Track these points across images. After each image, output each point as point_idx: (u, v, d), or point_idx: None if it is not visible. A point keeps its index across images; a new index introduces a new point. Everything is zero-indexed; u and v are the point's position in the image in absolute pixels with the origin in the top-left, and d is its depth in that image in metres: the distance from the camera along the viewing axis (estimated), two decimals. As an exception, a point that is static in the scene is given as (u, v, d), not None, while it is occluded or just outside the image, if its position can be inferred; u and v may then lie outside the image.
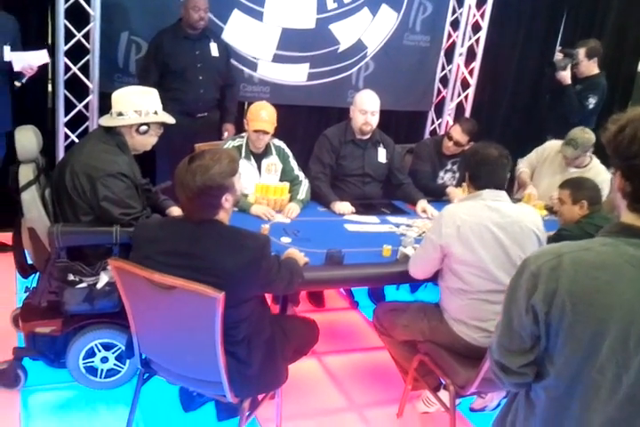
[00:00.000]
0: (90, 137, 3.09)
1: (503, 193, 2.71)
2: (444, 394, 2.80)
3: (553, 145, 4.40)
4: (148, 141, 3.08)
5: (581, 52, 4.93)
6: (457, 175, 4.46)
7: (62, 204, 2.94)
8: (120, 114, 2.96)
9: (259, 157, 3.75)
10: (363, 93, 4.10)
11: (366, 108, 3.95)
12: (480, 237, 2.56)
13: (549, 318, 1.39)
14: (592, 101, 4.85)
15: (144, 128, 2.99)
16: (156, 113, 3.02)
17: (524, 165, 4.54)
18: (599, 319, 1.33)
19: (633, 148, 1.33)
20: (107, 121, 3.00)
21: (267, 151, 3.77)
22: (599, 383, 1.36)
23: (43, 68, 4.57)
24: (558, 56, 4.98)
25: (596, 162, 4.19)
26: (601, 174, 4.09)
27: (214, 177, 2.12)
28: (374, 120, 4.00)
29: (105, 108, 4.48)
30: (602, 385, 1.35)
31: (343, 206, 3.70)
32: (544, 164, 4.38)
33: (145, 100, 3.01)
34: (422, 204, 3.86)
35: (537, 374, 1.48)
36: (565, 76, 4.90)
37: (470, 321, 2.66)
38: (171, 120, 3.12)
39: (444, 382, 2.79)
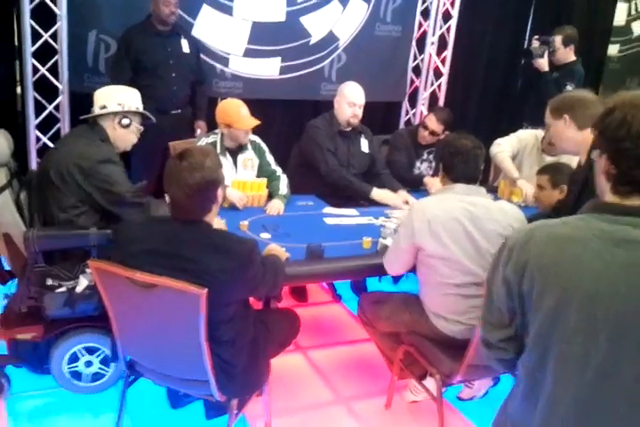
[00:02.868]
0: (72, 134, 3.10)
1: (480, 188, 2.70)
2: (430, 382, 2.81)
3: (529, 135, 4.32)
4: (128, 138, 3.10)
5: (558, 39, 4.93)
6: (433, 165, 4.47)
7: (46, 202, 2.92)
8: (103, 107, 3.01)
9: (234, 153, 3.72)
10: (350, 86, 4.06)
11: (355, 101, 3.95)
12: (451, 230, 2.54)
13: (521, 289, 1.44)
14: (570, 89, 4.86)
15: (126, 121, 3.03)
16: (137, 108, 3.09)
17: (504, 148, 4.26)
18: (564, 288, 1.37)
19: (621, 131, 1.35)
20: (92, 114, 3.03)
21: (242, 147, 3.74)
22: (567, 355, 1.38)
23: (10, 70, 4.53)
24: (535, 44, 4.98)
25: None
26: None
27: (210, 171, 2.15)
28: (361, 113, 4.01)
29: (76, 108, 4.46)
30: (570, 357, 1.38)
31: (392, 197, 3.79)
32: (523, 157, 4.32)
33: (127, 95, 3.09)
34: (403, 195, 3.87)
35: (520, 351, 1.52)
36: (543, 63, 4.91)
37: (449, 315, 2.66)
38: (151, 117, 3.16)
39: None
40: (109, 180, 2.89)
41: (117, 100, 3.02)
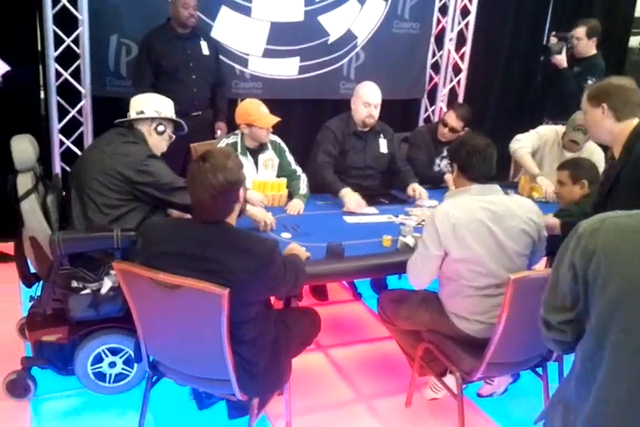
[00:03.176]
0: (107, 137, 3.13)
1: (494, 186, 2.70)
2: (450, 379, 2.82)
3: (548, 132, 4.32)
4: (161, 144, 3.18)
5: (582, 30, 4.87)
6: (453, 162, 4.45)
7: (88, 206, 2.96)
8: (141, 112, 3.09)
9: (255, 153, 3.75)
10: (366, 86, 4.05)
11: (370, 101, 3.94)
12: (476, 232, 2.55)
13: (587, 275, 1.49)
14: (591, 84, 4.81)
15: (161, 128, 3.13)
16: (172, 117, 3.19)
17: (524, 144, 4.24)
18: (627, 278, 1.41)
19: None
20: (132, 118, 3.10)
21: (262, 147, 3.77)
22: (624, 345, 1.42)
23: (33, 75, 4.60)
24: (553, 40, 4.93)
25: (588, 143, 4.17)
26: (595, 153, 4.10)
27: (232, 172, 2.18)
28: (377, 113, 3.99)
29: (99, 112, 4.53)
30: (627, 348, 1.41)
31: (353, 200, 3.61)
32: (543, 153, 4.30)
33: (164, 104, 3.19)
34: (413, 185, 3.90)
35: (579, 335, 1.57)
36: (561, 59, 4.87)
37: (471, 316, 2.67)
38: (185, 126, 3.26)
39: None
40: (159, 171, 2.97)
41: (155, 107, 3.11)
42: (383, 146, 4.11)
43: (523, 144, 4.22)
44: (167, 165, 3.08)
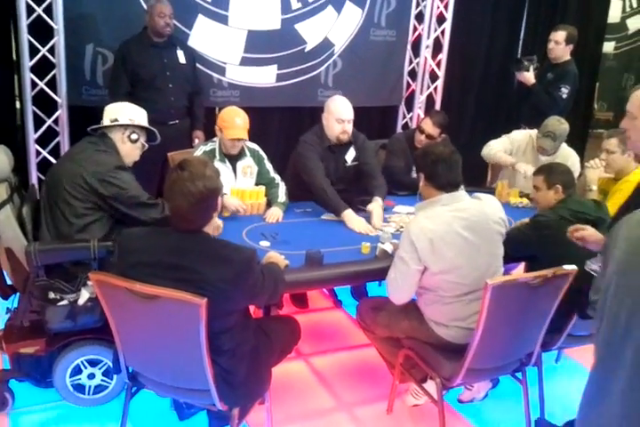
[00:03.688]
0: (80, 145, 3.12)
1: (461, 192, 2.71)
2: (430, 385, 2.83)
3: (521, 137, 4.41)
4: (134, 153, 3.18)
5: (562, 35, 4.94)
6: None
7: (54, 213, 2.95)
8: (115, 120, 3.09)
9: (233, 160, 3.73)
10: (337, 101, 3.89)
11: (343, 117, 3.80)
12: (452, 243, 2.56)
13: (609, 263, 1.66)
14: (565, 91, 4.88)
15: (135, 136, 3.13)
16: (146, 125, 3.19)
17: (497, 148, 4.38)
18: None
19: None
20: (104, 125, 3.11)
21: (241, 153, 3.75)
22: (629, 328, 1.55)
23: (8, 84, 4.57)
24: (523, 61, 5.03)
25: (563, 146, 4.25)
26: (571, 157, 4.21)
27: (212, 180, 2.19)
28: (350, 127, 3.88)
29: (75, 122, 4.50)
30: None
31: (360, 225, 3.45)
32: (516, 155, 4.39)
33: (138, 113, 3.20)
34: (372, 205, 3.64)
35: None
36: (529, 76, 4.95)
37: (450, 322, 2.68)
38: (158, 135, 3.25)
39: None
40: (125, 185, 2.96)
41: (128, 115, 3.12)
42: (350, 157, 4.00)
43: (493, 147, 4.37)
44: (135, 177, 3.08)
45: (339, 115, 3.83)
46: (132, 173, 3.08)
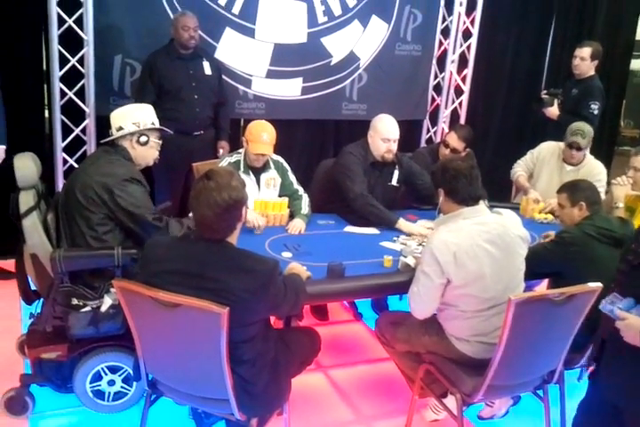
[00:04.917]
0: (95, 155, 3.15)
1: (481, 206, 2.71)
2: (450, 401, 2.80)
3: (547, 146, 4.47)
4: (148, 153, 3.14)
5: (587, 51, 4.93)
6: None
7: (72, 222, 2.96)
8: (120, 129, 3.05)
9: (257, 172, 3.76)
10: (384, 120, 3.89)
11: (389, 137, 3.81)
12: (475, 257, 2.55)
13: None
14: (595, 107, 4.86)
15: (144, 138, 3.07)
16: (153, 124, 3.12)
17: (520, 169, 4.54)
18: None
19: None
20: (110, 137, 3.08)
21: (265, 166, 3.78)
22: None
23: (38, 94, 4.64)
24: (545, 97, 5.03)
25: (589, 157, 4.27)
26: (597, 168, 4.23)
27: (238, 190, 2.20)
28: (396, 146, 3.87)
29: (102, 131, 4.53)
30: None
31: (417, 229, 3.55)
32: (541, 165, 4.41)
33: (141, 113, 3.12)
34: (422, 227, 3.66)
35: None
36: (553, 111, 4.97)
37: (472, 338, 2.66)
38: (168, 130, 3.21)
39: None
40: (132, 198, 2.92)
41: (132, 119, 3.06)
42: (395, 179, 3.99)
43: (517, 169, 4.53)
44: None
45: (386, 134, 3.82)
46: (143, 187, 3.01)
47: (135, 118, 3.07)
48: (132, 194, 2.93)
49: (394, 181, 4.00)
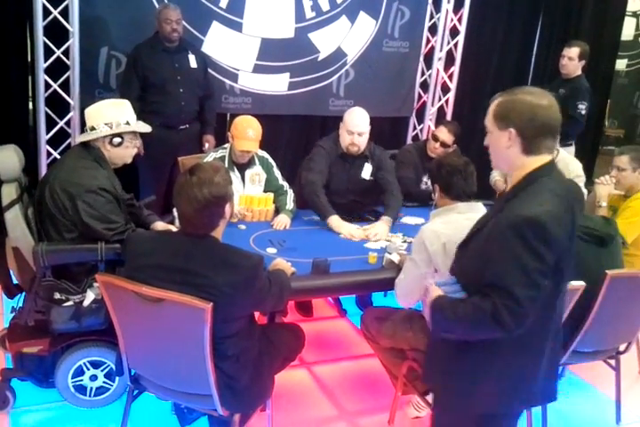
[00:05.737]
0: (68, 154, 3.09)
1: (478, 204, 2.73)
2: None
3: None
4: (125, 153, 3.04)
5: (576, 51, 4.96)
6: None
7: (45, 222, 2.93)
8: (92, 128, 2.95)
9: (242, 168, 3.75)
10: (353, 113, 3.90)
11: (353, 130, 3.81)
12: None
13: None
14: (582, 107, 4.90)
15: (117, 140, 2.96)
16: (127, 124, 2.99)
17: (496, 173, 4.59)
18: None
19: None
20: (81, 137, 3.01)
21: (250, 162, 3.77)
22: None
23: (22, 85, 4.59)
24: None
25: (563, 153, 4.17)
26: (571, 164, 4.17)
27: (219, 187, 2.17)
28: (362, 140, 3.84)
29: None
30: None
31: (347, 230, 3.47)
32: None
33: (115, 111, 2.99)
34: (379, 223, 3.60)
35: None
36: None
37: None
38: (145, 129, 3.09)
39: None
40: (92, 211, 2.83)
41: (105, 119, 2.93)
42: (366, 172, 3.97)
43: (494, 174, 4.63)
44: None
45: (350, 126, 3.83)
46: (106, 198, 2.87)
47: (108, 118, 2.94)
48: (92, 205, 2.83)
49: (364, 174, 3.99)
